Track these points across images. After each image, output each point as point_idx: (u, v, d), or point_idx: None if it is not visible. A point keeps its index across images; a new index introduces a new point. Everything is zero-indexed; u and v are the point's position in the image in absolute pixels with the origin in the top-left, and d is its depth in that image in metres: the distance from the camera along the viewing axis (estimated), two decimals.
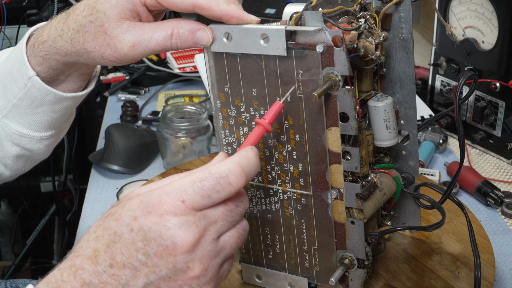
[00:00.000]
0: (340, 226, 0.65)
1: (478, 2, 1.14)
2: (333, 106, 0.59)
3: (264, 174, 0.67)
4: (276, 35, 0.58)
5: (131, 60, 0.64)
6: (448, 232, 0.80)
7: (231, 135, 0.67)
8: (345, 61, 0.57)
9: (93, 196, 1.10)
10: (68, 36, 0.65)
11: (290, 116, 0.62)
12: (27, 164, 0.78)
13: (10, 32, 1.50)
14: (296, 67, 0.59)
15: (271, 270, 0.72)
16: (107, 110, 1.45)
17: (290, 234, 0.69)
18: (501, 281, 0.87)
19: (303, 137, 0.62)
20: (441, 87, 1.27)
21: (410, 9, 0.65)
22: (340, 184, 0.63)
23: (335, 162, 0.62)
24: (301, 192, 0.65)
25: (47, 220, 1.76)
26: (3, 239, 1.93)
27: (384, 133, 0.68)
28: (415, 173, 0.73)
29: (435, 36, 1.25)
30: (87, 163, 1.24)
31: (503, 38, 1.10)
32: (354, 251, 0.66)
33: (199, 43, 0.61)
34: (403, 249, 0.77)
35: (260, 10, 1.64)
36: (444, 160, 1.17)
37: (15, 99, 0.72)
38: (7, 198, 1.91)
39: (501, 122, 1.15)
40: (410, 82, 0.68)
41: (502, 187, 1.10)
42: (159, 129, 1.14)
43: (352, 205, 0.63)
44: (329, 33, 0.57)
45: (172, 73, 1.51)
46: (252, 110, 0.64)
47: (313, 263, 0.69)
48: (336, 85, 0.58)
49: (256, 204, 0.69)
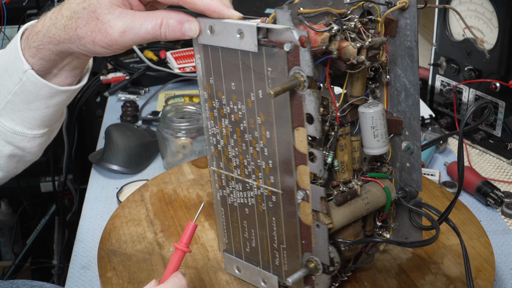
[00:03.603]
0: (307, 228, 0.64)
1: (478, 2, 1.14)
2: (299, 106, 0.60)
3: (242, 168, 0.67)
4: (249, 31, 0.59)
5: (121, 46, 0.65)
6: (454, 254, 0.77)
7: (216, 126, 0.68)
8: (309, 62, 0.57)
9: (93, 196, 1.10)
10: (62, 23, 0.67)
11: (262, 113, 0.63)
12: (19, 165, 0.79)
13: (10, 32, 1.50)
14: (266, 64, 0.60)
15: (249, 263, 0.72)
16: (107, 110, 1.45)
17: (263, 230, 0.69)
18: (501, 281, 0.87)
19: (272, 135, 0.63)
20: (441, 87, 1.28)
21: (416, 16, 0.64)
22: (306, 185, 0.62)
23: (302, 163, 0.61)
24: (271, 189, 0.66)
25: (47, 220, 1.76)
26: (3, 239, 1.93)
27: (371, 141, 0.67)
28: (418, 187, 0.70)
29: (435, 36, 1.25)
30: (87, 163, 1.24)
31: (503, 38, 1.10)
32: (319, 255, 0.64)
33: (186, 34, 0.63)
34: (398, 264, 0.75)
35: (260, 10, 1.63)
36: (444, 160, 1.17)
37: (10, 94, 0.72)
38: (7, 198, 1.91)
39: (501, 122, 1.15)
40: (415, 92, 0.66)
41: (502, 187, 1.10)
42: (159, 129, 1.14)
43: (317, 208, 0.62)
44: (296, 33, 0.57)
45: (172, 73, 1.51)
46: (232, 103, 0.65)
47: (282, 262, 0.68)
48: (301, 85, 0.58)
49: (236, 196, 0.70)
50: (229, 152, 0.68)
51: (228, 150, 0.68)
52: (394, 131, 0.69)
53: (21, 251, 1.81)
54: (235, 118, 0.66)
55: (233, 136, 0.67)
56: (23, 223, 1.92)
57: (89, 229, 1.01)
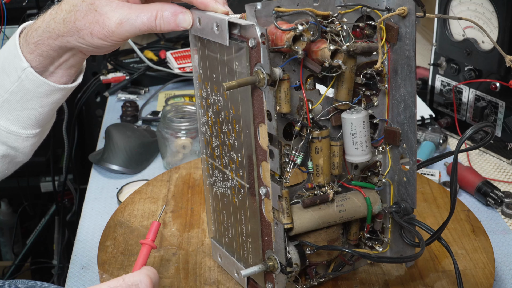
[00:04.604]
0: (268, 225, 0.65)
1: (478, 2, 1.14)
2: (260, 103, 0.61)
3: (221, 158, 0.69)
4: (222, 24, 0.61)
5: (118, 38, 0.67)
6: (449, 280, 0.72)
7: (204, 116, 0.71)
8: (267, 59, 0.58)
9: (93, 196, 1.10)
10: (61, 17, 0.68)
11: (233, 106, 0.64)
12: (10, 166, 0.79)
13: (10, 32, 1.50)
14: (235, 58, 0.62)
15: (227, 253, 0.73)
16: (107, 110, 1.45)
17: (236, 222, 0.70)
18: (501, 281, 0.87)
19: (240, 129, 0.64)
20: (441, 87, 1.28)
21: (414, 25, 0.62)
22: (268, 182, 0.63)
23: (264, 159, 0.62)
24: (241, 182, 0.67)
25: (47, 220, 1.76)
26: (3, 239, 1.93)
27: (350, 148, 0.66)
28: (413, 203, 0.68)
29: (435, 36, 1.25)
30: (87, 163, 1.24)
31: (503, 38, 1.10)
32: (277, 253, 0.65)
33: (180, 25, 0.66)
34: (386, 280, 0.72)
35: None
36: (444, 160, 1.17)
37: (7, 94, 0.73)
38: (7, 198, 1.91)
39: (501, 122, 1.15)
40: (412, 105, 0.65)
41: (502, 187, 1.10)
42: (159, 129, 1.14)
43: (275, 206, 0.63)
44: (259, 29, 0.57)
45: (172, 73, 1.51)
46: (213, 94, 0.67)
47: (249, 256, 0.69)
48: (261, 82, 0.59)
49: (218, 186, 0.72)
50: (213, 142, 0.70)
51: (212, 140, 0.70)
52: (392, 142, 0.68)
53: (21, 251, 1.81)
54: (216, 109, 0.67)
55: (215, 126, 0.69)
56: (23, 223, 1.92)
57: (89, 229, 1.01)
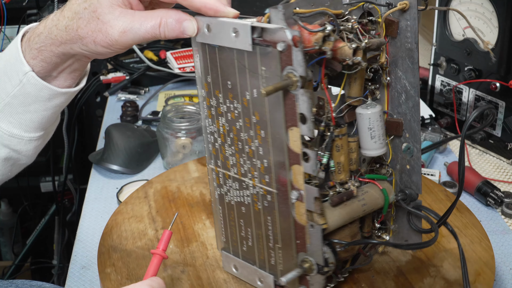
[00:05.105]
0: (301, 228, 0.64)
1: (478, 2, 1.14)
2: (292, 106, 0.60)
3: (238, 166, 0.68)
4: (243, 30, 0.60)
5: (121, 46, 0.66)
6: (454, 258, 0.76)
7: (213, 125, 0.69)
8: (301, 62, 0.57)
9: (93, 196, 1.10)
10: (63, 24, 0.67)
11: (257, 112, 0.63)
12: (13, 168, 0.78)
13: (10, 32, 1.50)
14: (260, 63, 0.60)
15: (245, 262, 0.72)
16: (107, 110, 1.45)
17: (259, 229, 0.69)
18: (501, 281, 0.87)
19: (267, 134, 0.63)
20: (441, 87, 1.28)
21: (416, 18, 0.63)
22: (300, 185, 0.62)
23: (296, 163, 0.61)
24: (267, 188, 0.66)
25: (47, 220, 1.76)
26: (3, 239, 1.93)
27: (368, 142, 0.66)
28: (418, 189, 0.70)
29: (435, 36, 1.25)
30: (87, 163, 1.24)
31: (503, 38, 1.10)
32: (313, 255, 0.64)
33: (185, 33, 0.64)
34: (397, 266, 0.75)
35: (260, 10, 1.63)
36: (444, 160, 1.17)
37: (8, 97, 0.72)
38: (7, 198, 1.91)
39: (501, 122, 1.15)
40: (415, 94, 0.66)
41: (502, 187, 1.10)
42: (159, 129, 1.14)
43: (311, 208, 0.62)
44: (289, 32, 0.57)
45: (172, 73, 1.51)
46: (228, 102, 0.66)
47: (277, 262, 0.69)
48: (294, 85, 0.58)
49: (232, 195, 0.70)
50: (226, 151, 0.68)
51: (225, 149, 0.68)
52: (394, 133, 0.69)
53: (21, 251, 1.81)
54: (232, 117, 0.66)
55: (230, 135, 0.67)
56: (23, 223, 1.92)
57: (89, 229, 1.01)
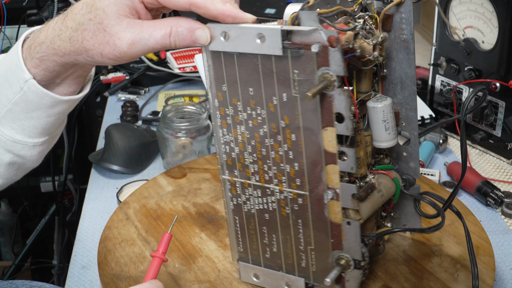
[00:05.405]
0: (336, 227, 0.65)
1: (478, 2, 1.14)
2: (328, 106, 0.59)
3: (261, 173, 0.67)
4: (272, 34, 0.58)
5: (130, 58, 0.63)
6: (449, 235, 0.80)
7: (229, 134, 0.67)
8: (340, 61, 0.57)
9: (93, 196, 1.10)
10: (67, 35, 0.64)
11: (286, 116, 0.62)
12: (19, 172, 0.77)
13: (10, 32, 1.50)
14: (292, 66, 0.59)
15: (269, 269, 0.72)
16: (107, 110, 1.45)
17: (287, 234, 0.69)
18: (501, 281, 0.87)
19: (299, 137, 0.63)
20: (441, 87, 1.28)
21: (411, 10, 0.65)
22: (336, 184, 0.62)
23: (331, 162, 0.62)
24: (297, 192, 0.65)
25: (47, 220, 1.76)
26: (3, 239, 1.93)
27: (382, 134, 0.68)
28: (416, 174, 0.72)
29: (435, 36, 1.25)
30: (87, 163, 1.24)
31: (503, 38, 1.10)
32: (350, 251, 0.65)
33: (198, 42, 0.61)
34: (403, 251, 0.77)
35: (260, 10, 1.63)
36: (444, 160, 1.17)
37: (10, 104, 0.71)
38: (7, 198, 1.91)
39: (501, 122, 1.15)
40: (411, 84, 0.68)
41: (502, 187, 1.10)
42: (159, 129, 1.14)
43: (348, 205, 0.63)
44: (325, 33, 0.56)
45: (172, 73, 1.51)
46: (249, 109, 0.64)
47: (310, 263, 0.69)
48: (331, 85, 0.58)
49: (253, 203, 0.69)
50: (246, 159, 0.67)
51: (245, 157, 0.67)
52: None
53: (21, 251, 1.81)
54: (254, 124, 0.65)
55: (251, 142, 0.66)
56: (23, 223, 1.92)
57: (89, 229, 1.01)
